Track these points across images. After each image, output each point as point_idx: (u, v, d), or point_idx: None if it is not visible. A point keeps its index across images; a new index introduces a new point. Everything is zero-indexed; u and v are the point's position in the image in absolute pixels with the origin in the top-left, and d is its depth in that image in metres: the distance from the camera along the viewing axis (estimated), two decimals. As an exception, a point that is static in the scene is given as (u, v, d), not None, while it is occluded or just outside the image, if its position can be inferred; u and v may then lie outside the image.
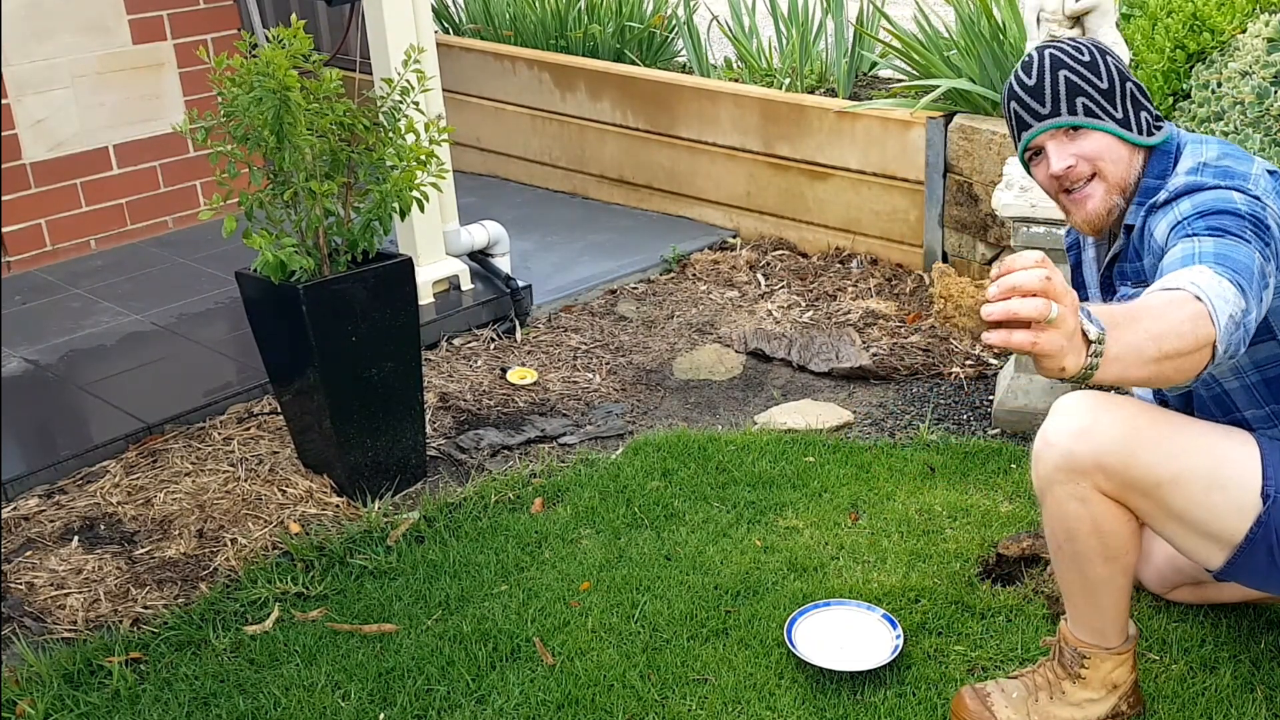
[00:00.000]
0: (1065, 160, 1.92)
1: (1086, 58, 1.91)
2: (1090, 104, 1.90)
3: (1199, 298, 1.55)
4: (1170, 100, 3.39)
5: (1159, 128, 1.96)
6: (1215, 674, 2.23)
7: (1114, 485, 1.86)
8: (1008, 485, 2.89)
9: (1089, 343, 1.45)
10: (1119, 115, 1.90)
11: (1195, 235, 1.70)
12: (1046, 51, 1.94)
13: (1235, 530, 1.89)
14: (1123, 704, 2.10)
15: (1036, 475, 1.93)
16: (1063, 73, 1.90)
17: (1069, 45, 1.94)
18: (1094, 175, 1.94)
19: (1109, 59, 1.92)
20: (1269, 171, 1.88)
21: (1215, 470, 1.87)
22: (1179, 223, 1.76)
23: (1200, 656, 2.28)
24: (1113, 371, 1.49)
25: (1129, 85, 1.91)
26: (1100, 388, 1.90)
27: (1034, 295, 1.38)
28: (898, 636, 2.32)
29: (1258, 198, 1.78)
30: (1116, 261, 2.00)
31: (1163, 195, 1.85)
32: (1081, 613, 2.06)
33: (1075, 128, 1.92)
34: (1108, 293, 2.05)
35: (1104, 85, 1.89)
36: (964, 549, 2.65)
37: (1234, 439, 1.92)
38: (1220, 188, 1.78)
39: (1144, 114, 1.91)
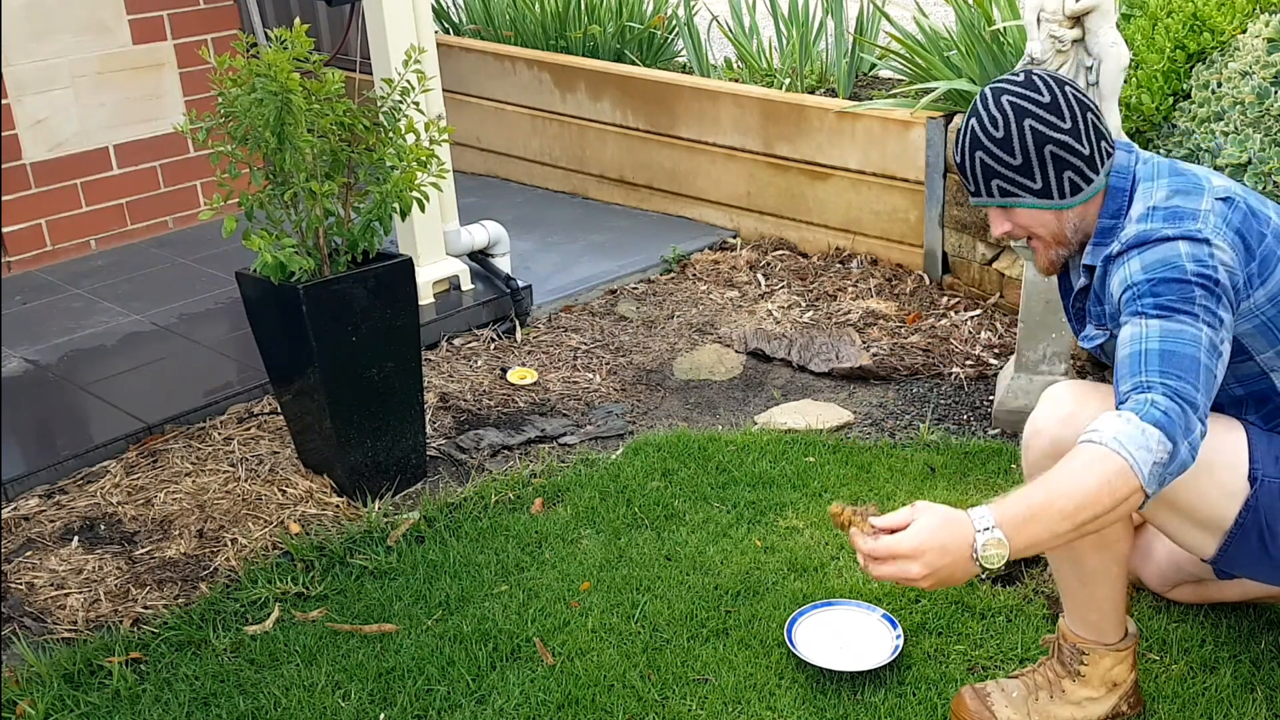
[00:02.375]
0: (1001, 228, 1.98)
1: (1000, 133, 1.89)
2: (1004, 185, 1.92)
3: (1119, 453, 1.64)
4: (1170, 100, 3.39)
5: (1108, 155, 1.92)
6: (1215, 674, 2.23)
7: None
8: (1008, 485, 2.89)
9: (975, 559, 1.65)
10: (1037, 187, 1.90)
11: (1143, 315, 1.74)
12: (970, 124, 1.94)
13: (1224, 515, 1.90)
14: (1123, 704, 2.11)
15: (1026, 462, 1.99)
16: (978, 154, 1.92)
17: (990, 113, 1.91)
18: (1030, 236, 1.97)
19: (1026, 125, 1.88)
20: (1220, 199, 1.84)
21: (1202, 453, 1.86)
22: (1129, 288, 1.79)
23: (1200, 656, 2.28)
24: (1028, 553, 1.67)
25: (1047, 150, 1.88)
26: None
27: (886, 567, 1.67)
28: (898, 637, 2.33)
29: (1206, 240, 1.78)
30: (1086, 293, 2.02)
31: (1115, 246, 1.86)
32: (1078, 607, 2.07)
33: (1000, 205, 1.96)
34: (1079, 322, 2.07)
35: (1017, 162, 1.89)
36: (964, 549, 2.64)
37: (1219, 424, 1.91)
38: (1168, 240, 1.79)
39: (1068, 173, 1.89)
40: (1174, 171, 1.90)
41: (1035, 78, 1.91)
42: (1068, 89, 1.90)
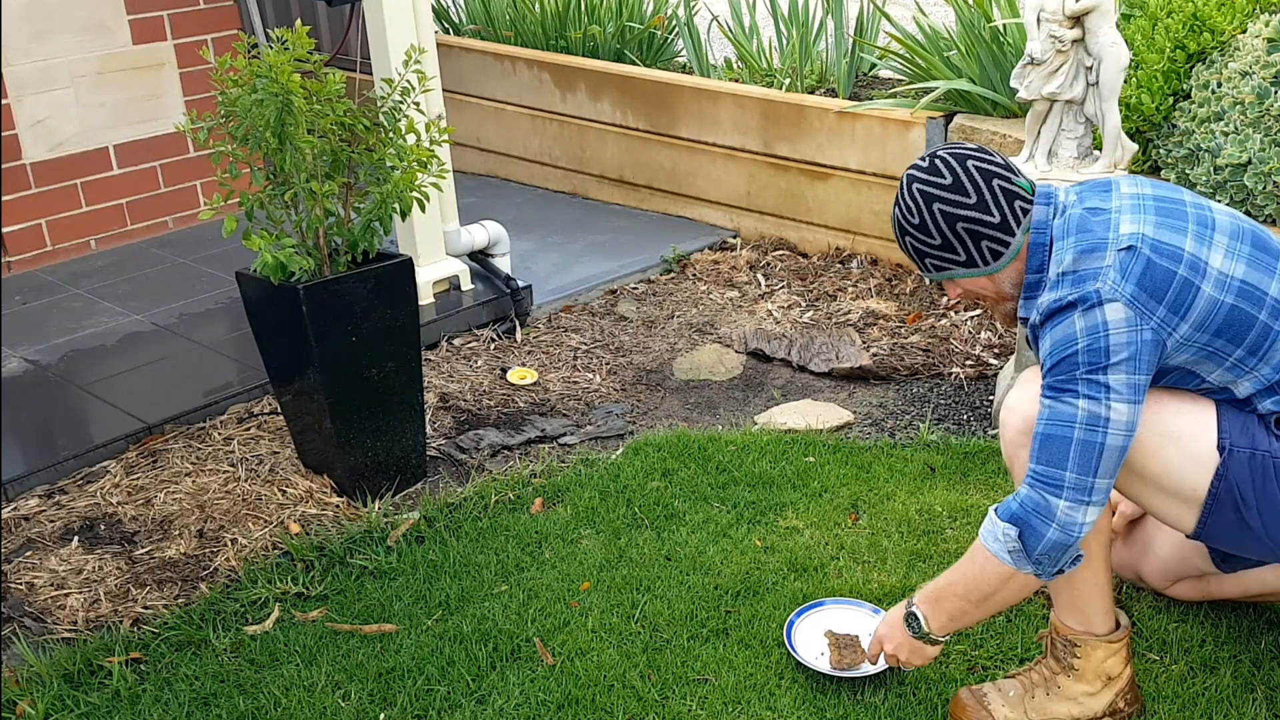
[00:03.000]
0: (953, 294, 2.17)
1: (916, 219, 2.03)
2: (935, 261, 2.07)
3: (985, 545, 1.97)
4: (1170, 100, 3.39)
5: (1024, 211, 2.01)
6: (1215, 674, 2.23)
7: None
8: (1008, 485, 2.89)
9: (917, 636, 2.11)
10: (962, 259, 2.04)
11: (1043, 398, 1.94)
12: (894, 214, 2.09)
13: (1196, 486, 1.96)
14: (1120, 700, 2.11)
15: (1003, 442, 2.10)
16: (907, 239, 2.08)
17: (905, 202, 2.05)
18: (978, 298, 2.14)
19: (935, 208, 2.01)
20: (1123, 249, 1.90)
21: (1167, 423, 1.96)
22: (1043, 368, 1.96)
23: (1200, 656, 2.28)
24: (950, 629, 2.08)
25: (959, 227, 2.01)
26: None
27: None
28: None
29: (1099, 303, 1.87)
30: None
31: (1035, 316, 1.98)
32: (1064, 595, 2.10)
33: (939, 279, 2.13)
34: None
35: (937, 242, 2.03)
36: (964, 549, 2.63)
37: (1186, 397, 1.99)
38: (1069, 310, 1.90)
39: (984, 242, 2.02)
40: (1081, 228, 1.97)
41: (938, 161, 2.03)
42: (970, 163, 2.02)
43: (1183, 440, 1.95)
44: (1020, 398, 2.07)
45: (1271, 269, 1.95)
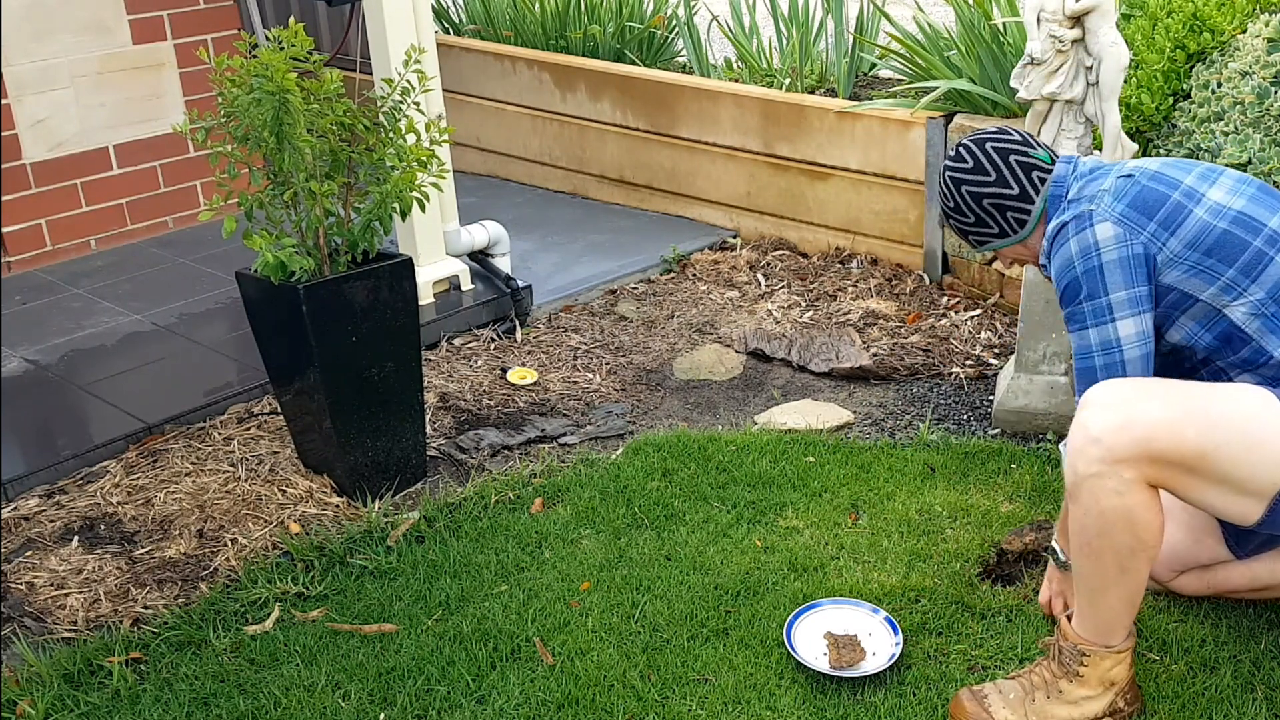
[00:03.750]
0: (1004, 265, 2.50)
1: (952, 203, 2.28)
2: (976, 237, 2.31)
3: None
4: (1170, 100, 3.39)
5: (1041, 180, 2.21)
6: (1215, 674, 2.23)
7: (1158, 469, 1.91)
8: (1008, 485, 2.89)
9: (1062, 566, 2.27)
10: (995, 230, 2.27)
11: (1067, 334, 2.14)
12: (938, 202, 2.33)
13: (1272, 481, 1.94)
14: (1120, 700, 2.11)
15: (1074, 469, 1.97)
16: (951, 221, 2.33)
17: (943, 190, 2.30)
18: (1018, 260, 2.37)
19: (964, 191, 2.25)
20: (1122, 176, 2.10)
21: (1249, 428, 1.94)
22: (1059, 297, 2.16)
23: (1200, 656, 2.28)
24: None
25: (986, 203, 2.24)
26: None
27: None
28: (897, 644, 2.32)
29: (1090, 224, 2.07)
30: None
31: (1043, 245, 2.19)
32: (1096, 610, 2.06)
33: (984, 251, 2.38)
34: None
35: (971, 219, 2.27)
36: (964, 549, 2.65)
37: (1252, 394, 1.98)
38: (1066, 235, 2.11)
39: (1009, 214, 2.23)
40: (1092, 170, 2.19)
41: (961, 149, 2.27)
42: (988, 145, 2.25)
43: (1266, 442, 1.93)
44: (1101, 424, 1.97)
45: (1275, 208, 2.06)
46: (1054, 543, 2.29)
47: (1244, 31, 3.35)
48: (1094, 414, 1.96)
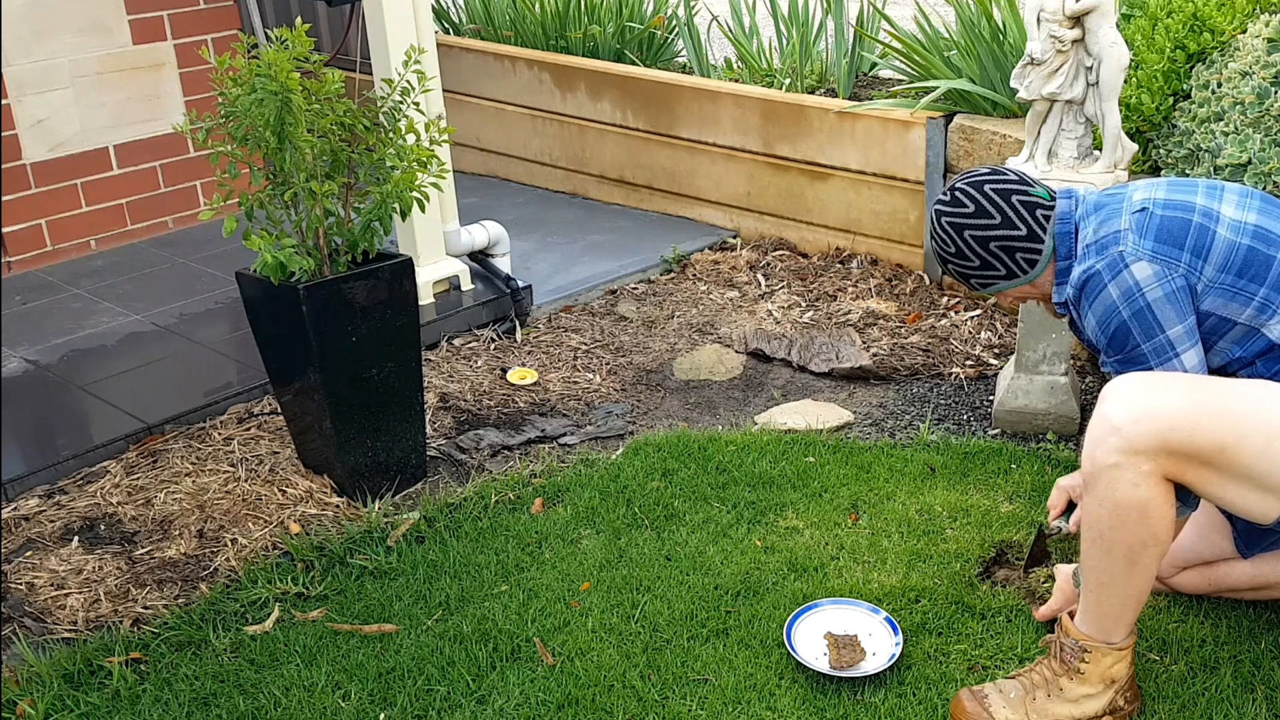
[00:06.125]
0: (1006, 301, 2.34)
1: (952, 249, 2.22)
2: (978, 281, 2.26)
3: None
4: (1170, 100, 3.39)
5: (1046, 218, 2.17)
6: (1215, 674, 2.23)
7: (1176, 462, 1.90)
8: (1008, 485, 2.89)
9: None
10: (1003, 273, 2.22)
11: (1114, 374, 2.08)
12: (932, 248, 2.27)
13: None
14: (1120, 698, 2.11)
15: (1092, 459, 1.96)
16: (950, 266, 2.26)
17: (939, 236, 2.23)
18: (1027, 300, 2.33)
19: (966, 235, 2.19)
20: (1135, 212, 2.08)
21: (1269, 422, 1.93)
22: (1098, 348, 2.14)
23: (1200, 656, 2.28)
24: None
25: (992, 246, 2.19)
26: None
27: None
28: (897, 645, 2.32)
29: (1125, 265, 2.04)
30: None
31: (1069, 291, 2.15)
32: (1102, 605, 2.05)
33: (988, 294, 2.33)
34: (1094, 348, 2.25)
35: (975, 264, 2.22)
36: (964, 549, 2.65)
37: (1272, 389, 1.98)
38: (1101, 280, 2.07)
39: (1018, 255, 2.19)
40: (1098, 206, 2.17)
41: (957, 193, 2.21)
42: (986, 187, 2.19)
43: None
44: (1122, 414, 1.95)
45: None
46: (1076, 568, 2.19)
47: (1244, 32, 3.35)
48: (1115, 405, 1.95)
